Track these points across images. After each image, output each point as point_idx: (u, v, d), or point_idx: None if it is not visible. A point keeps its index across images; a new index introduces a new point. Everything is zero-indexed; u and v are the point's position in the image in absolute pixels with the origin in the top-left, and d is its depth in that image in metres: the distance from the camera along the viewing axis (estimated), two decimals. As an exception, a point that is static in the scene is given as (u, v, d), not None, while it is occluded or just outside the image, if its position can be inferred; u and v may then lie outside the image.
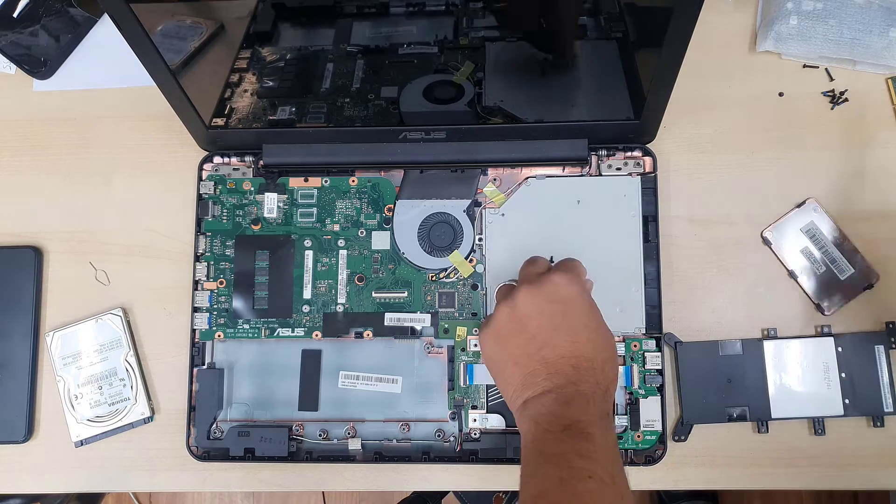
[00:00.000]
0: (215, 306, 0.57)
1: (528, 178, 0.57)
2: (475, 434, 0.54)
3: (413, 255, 0.56)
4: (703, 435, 0.53)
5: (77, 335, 0.57)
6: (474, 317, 0.55)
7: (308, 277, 0.57)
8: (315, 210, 0.58)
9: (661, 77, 0.48)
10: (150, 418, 0.56)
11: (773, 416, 0.52)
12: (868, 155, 0.57)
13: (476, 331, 0.55)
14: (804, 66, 0.58)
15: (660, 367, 0.53)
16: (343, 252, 0.57)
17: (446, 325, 0.55)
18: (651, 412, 0.53)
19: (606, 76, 0.54)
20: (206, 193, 0.58)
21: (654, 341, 0.54)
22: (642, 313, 0.54)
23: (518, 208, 0.56)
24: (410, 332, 0.55)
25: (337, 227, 0.57)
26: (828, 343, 0.53)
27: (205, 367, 0.56)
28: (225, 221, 0.58)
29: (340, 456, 0.54)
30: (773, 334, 0.54)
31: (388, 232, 0.57)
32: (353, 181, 0.58)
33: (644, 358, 0.54)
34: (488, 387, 0.54)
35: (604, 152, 0.56)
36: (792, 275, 0.55)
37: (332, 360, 0.56)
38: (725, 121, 0.58)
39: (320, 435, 0.55)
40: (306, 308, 0.56)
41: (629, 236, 0.55)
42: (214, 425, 0.55)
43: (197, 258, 0.57)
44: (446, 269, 0.56)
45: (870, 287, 0.54)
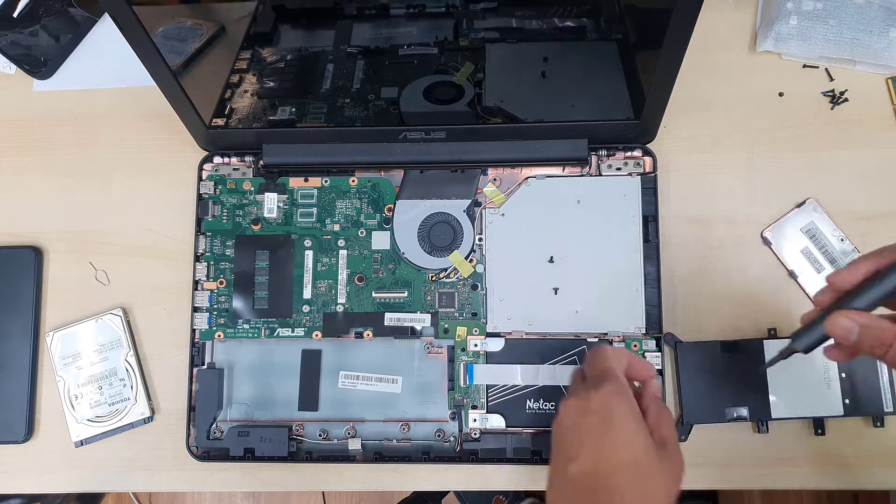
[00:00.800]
0: (215, 306, 0.57)
1: (528, 178, 0.57)
2: (475, 434, 0.54)
3: (413, 255, 0.56)
4: (703, 435, 0.53)
5: (77, 335, 0.57)
6: (474, 317, 0.55)
7: (308, 277, 0.57)
8: (315, 210, 0.58)
9: (661, 77, 0.48)
10: (150, 418, 0.56)
11: (773, 416, 0.52)
12: (868, 155, 0.57)
13: (476, 331, 0.55)
14: (804, 66, 0.58)
15: (660, 367, 0.53)
16: (343, 252, 0.57)
17: (446, 325, 0.55)
18: (651, 412, 0.53)
19: (606, 76, 0.54)
20: (206, 193, 0.58)
21: (654, 341, 0.54)
22: (642, 313, 0.54)
23: (518, 208, 0.56)
24: (410, 332, 0.55)
25: (337, 227, 0.57)
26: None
27: (205, 367, 0.56)
28: (225, 221, 0.58)
29: (340, 456, 0.54)
30: (773, 334, 0.54)
31: (388, 232, 0.57)
32: (353, 181, 0.58)
33: (644, 358, 0.54)
34: (488, 387, 0.54)
35: (604, 152, 0.56)
36: (792, 275, 0.55)
37: (332, 360, 0.56)
38: (725, 121, 0.58)
39: (320, 435, 0.55)
40: (306, 308, 0.56)
41: (629, 236, 0.55)
42: (214, 425, 0.55)
43: (197, 258, 0.57)
44: (446, 269, 0.56)
45: (870, 287, 0.54)
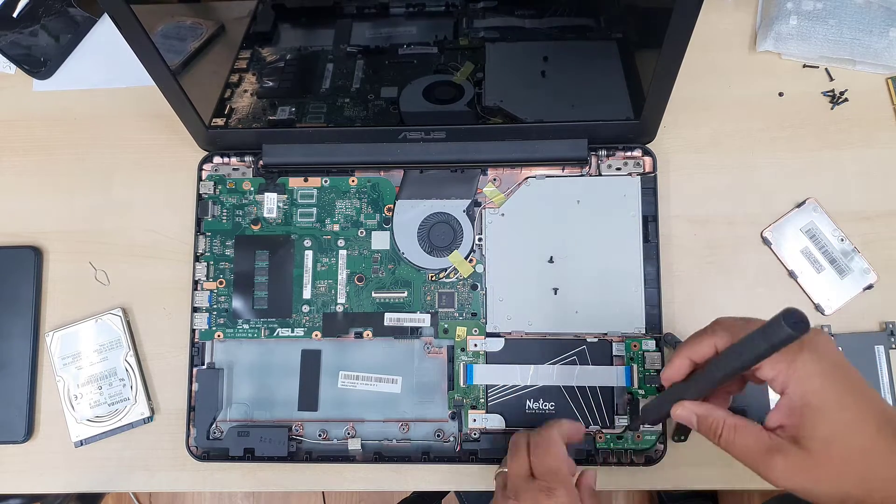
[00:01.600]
0: (215, 306, 0.57)
1: (527, 178, 0.57)
2: (475, 434, 0.54)
3: (413, 255, 0.56)
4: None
5: (77, 335, 0.57)
6: (474, 317, 0.55)
7: (308, 277, 0.57)
8: (315, 210, 0.58)
9: (661, 77, 0.48)
10: (150, 418, 0.56)
11: (772, 416, 0.52)
12: (868, 155, 0.57)
13: (476, 331, 0.55)
14: (804, 66, 0.58)
15: (659, 368, 0.53)
16: (343, 252, 0.57)
17: (446, 325, 0.55)
18: (651, 412, 0.53)
19: (606, 76, 0.54)
20: (205, 193, 0.58)
21: (654, 341, 0.54)
22: (642, 313, 0.54)
23: (518, 208, 0.56)
24: (410, 332, 0.55)
25: (337, 227, 0.57)
26: (828, 343, 0.53)
27: (204, 367, 0.56)
28: (225, 221, 0.58)
29: (340, 456, 0.54)
30: (772, 334, 0.54)
31: (388, 232, 0.57)
32: (353, 181, 0.58)
33: (644, 358, 0.54)
34: (488, 387, 0.54)
35: (604, 152, 0.56)
36: (792, 275, 0.55)
37: (332, 360, 0.56)
38: (725, 121, 0.58)
39: (320, 435, 0.55)
40: (306, 308, 0.56)
41: (629, 236, 0.55)
42: (214, 425, 0.55)
43: (197, 258, 0.57)
44: (446, 269, 0.56)
45: (869, 287, 0.54)
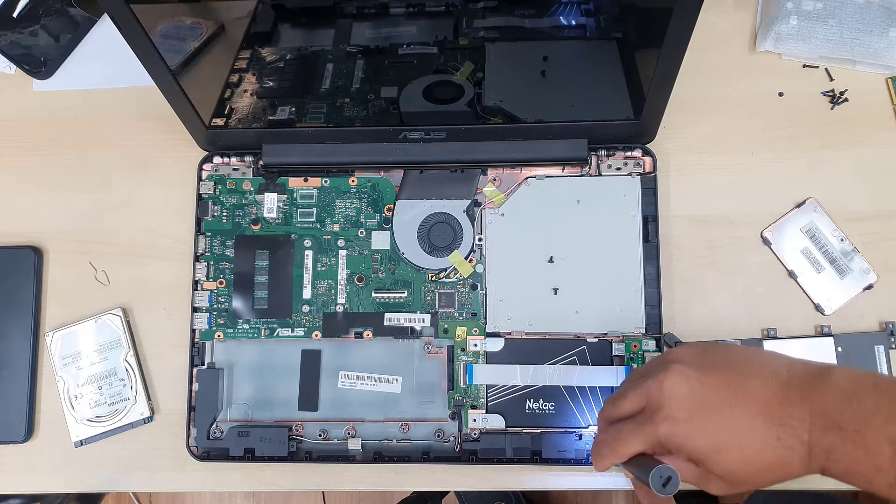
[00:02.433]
0: (215, 306, 0.57)
1: (527, 178, 0.57)
2: (475, 434, 0.54)
3: (413, 255, 0.56)
4: (702, 435, 0.53)
5: (77, 335, 0.57)
6: (474, 317, 0.55)
7: (308, 277, 0.57)
8: (315, 210, 0.58)
9: (661, 77, 0.48)
10: (150, 418, 0.56)
11: (772, 416, 0.52)
12: (868, 155, 0.57)
13: (476, 331, 0.55)
14: (804, 66, 0.58)
15: (660, 368, 0.53)
16: (343, 252, 0.57)
17: (446, 326, 0.55)
18: (651, 412, 0.53)
19: (606, 76, 0.54)
20: (205, 193, 0.58)
21: (654, 341, 0.54)
22: (642, 313, 0.54)
23: (518, 208, 0.56)
24: (410, 332, 0.55)
25: (337, 227, 0.57)
26: (828, 343, 0.53)
27: (204, 367, 0.56)
28: (225, 221, 0.58)
29: (340, 456, 0.54)
30: (772, 334, 0.54)
31: (388, 232, 0.57)
32: (353, 181, 0.58)
33: (644, 358, 0.54)
34: (488, 387, 0.54)
35: (604, 152, 0.56)
36: (792, 275, 0.55)
37: (332, 360, 0.56)
38: (725, 121, 0.58)
39: (320, 435, 0.55)
40: (306, 308, 0.56)
41: (629, 236, 0.55)
42: (214, 425, 0.55)
43: (197, 258, 0.57)
44: (446, 269, 0.56)
45: (870, 287, 0.54)
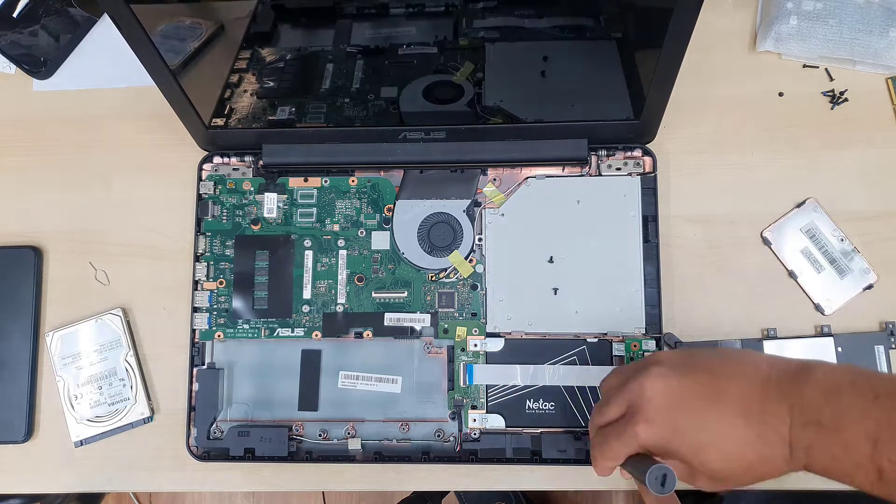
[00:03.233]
0: (215, 306, 0.57)
1: (527, 178, 0.57)
2: (475, 434, 0.54)
3: (413, 255, 0.56)
4: (702, 435, 0.53)
5: (77, 335, 0.57)
6: (474, 317, 0.55)
7: (308, 277, 0.57)
8: (315, 210, 0.58)
9: (661, 77, 0.48)
10: (150, 418, 0.56)
11: (772, 416, 0.52)
12: (868, 155, 0.57)
13: (476, 331, 0.55)
14: (804, 66, 0.58)
15: (659, 368, 0.53)
16: (343, 252, 0.57)
17: (446, 326, 0.55)
18: (651, 412, 0.53)
19: (606, 76, 0.54)
20: (205, 193, 0.58)
21: (654, 341, 0.54)
22: (642, 313, 0.54)
23: (518, 208, 0.56)
24: (410, 332, 0.55)
25: (337, 227, 0.57)
26: (828, 343, 0.53)
27: (204, 367, 0.56)
28: (225, 221, 0.58)
29: (340, 456, 0.54)
30: (772, 334, 0.54)
31: (388, 232, 0.57)
32: (353, 181, 0.58)
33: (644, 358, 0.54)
34: (488, 387, 0.54)
35: (604, 152, 0.56)
36: (792, 275, 0.55)
37: (332, 360, 0.56)
38: (725, 121, 0.58)
39: (320, 435, 0.55)
40: (306, 308, 0.56)
41: (629, 236, 0.55)
42: (214, 425, 0.55)
43: (197, 258, 0.57)
44: (446, 269, 0.56)
45: (870, 287, 0.54)
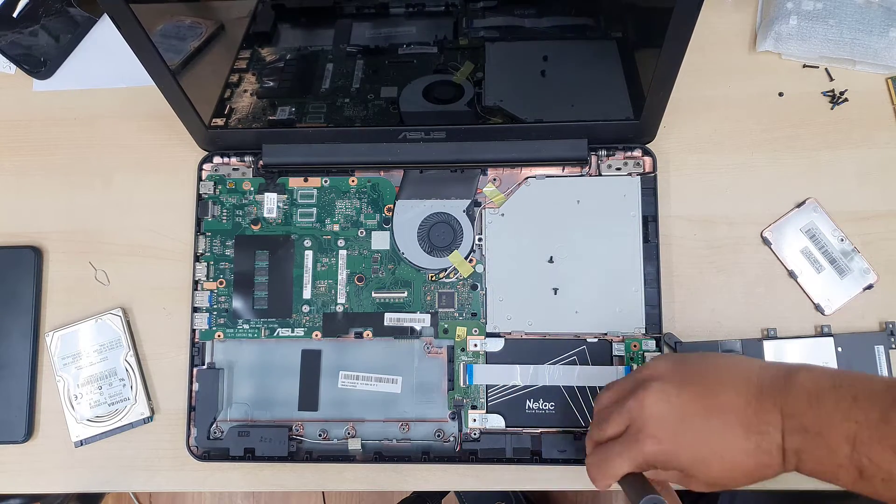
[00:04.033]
0: (215, 306, 0.57)
1: (527, 178, 0.57)
2: (475, 434, 0.54)
3: (413, 255, 0.56)
4: (702, 435, 0.53)
5: (77, 335, 0.57)
6: (474, 317, 0.55)
7: (308, 277, 0.57)
8: (315, 210, 0.58)
9: (661, 77, 0.48)
10: (150, 418, 0.56)
11: (772, 416, 0.52)
12: (868, 155, 0.57)
13: (476, 331, 0.55)
14: (804, 66, 0.58)
15: (659, 368, 0.53)
16: (343, 252, 0.57)
17: (446, 326, 0.55)
18: (651, 412, 0.53)
19: (606, 76, 0.54)
20: (205, 193, 0.58)
21: (654, 341, 0.54)
22: (642, 313, 0.54)
23: (518, 208, 0.56)
24: (410, 332, 0.55)
25: (337, 227, 0.57)
26: (828, 343, 0.53)
27: (204, 367, 0.56)
28: (225, 221, 0.58)
29: (340, 456, 0.54)
30: (772, 334, 0.54)
31: (388, 232, 0.57)
32: (353, 181, 0.58)
33: (644, 358, 0.54)
34: (488, 387, 0.54)
35: (604, 152, 0.56)
36: (792, 275, 0.55)
37: (332, 360, 0.56)
38: (725, 121, 0.58)
39: (320, 435, 0.55)
40: (306, 308, 0.56)
41: (629, 236, 0.55)
42: (214, 425, 0.55)
43: (197, 258, 0.57)
44: (446, 269, 0.56)
45: (870, 287, 0.54)
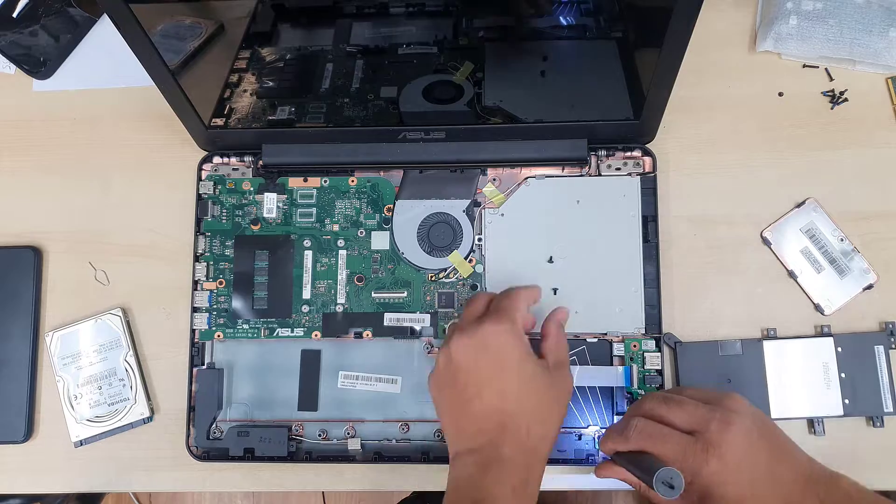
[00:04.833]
0: (215, 306, 0.57)
1: (527, 178, 0.57)
2: (475, 434, 0.54)
3: (412, 256, 0.56)
4: (702, 435, 0.53)
5: (77, 335, 0.57)
6: (474, 317, 0.55)
7: (307, 277, 0.57)
8: (314, 210, 0.58)
9: (661, 77, 0.48)
10: (150, 418, 0.56)
11: (772, 416, 0.52)
12: (868, 155, 0.57)
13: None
14: (804, 66, 0.58)
15: (659, 368, 0.53)
16: (342, 252, 0.57)
17: (446, 326, 0.55)
18: (651, 412, 0.53)
19: (606, 76, 0.54)
20: (205, 193, 0.58)
21: (654, 341, 0.54)
22: (642, 313, 0.54)
23: (517, 208, 0.56)
24: (410, 332, 0.55)
25: (336, 228, 0.57)
26: (827, 343, 0.53)
27: (204, 367, 0.56)
28: (224, 221, 0.58)
29: (340, 456, 0.54)
30: (772, 334, 0.54)
31: (388, 232, 0.57)
32: (353, 181, 0.58)
33: (644, 358, 0.54)
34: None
35: (603, 152, 0.56)
36: (792, 275, 0.55)
37: (332, 360, 0.56)
38: (725, 121, 0.58)
39: (320, 435, 0.55)
40: (306, 308, 0.56)
41: (629, 236, 0.55)
42: (214, 425, 0.55)
43: (196, 258, 0.57)
44: (446, 269, 0.56)
45: (869, 287, 0.54)
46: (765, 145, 0.57)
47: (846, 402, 0.52)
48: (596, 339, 0.54)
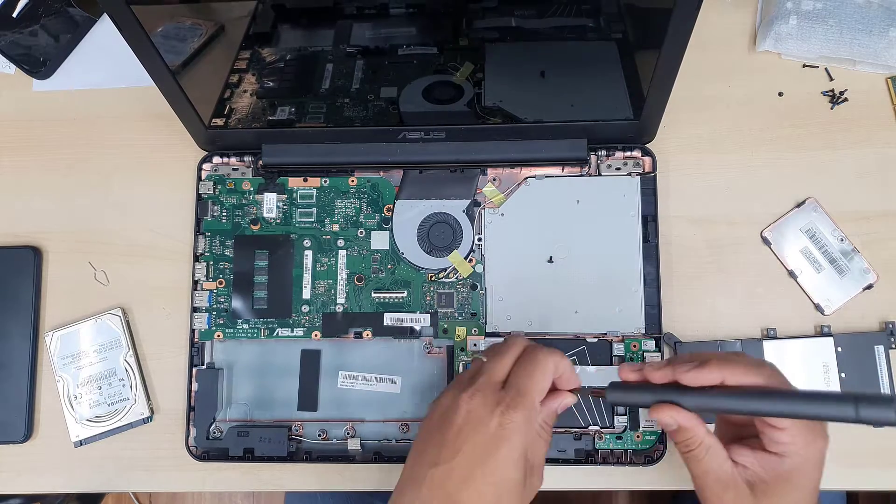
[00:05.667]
0: (214, 306, 0.57)
1: (527, 178, 0.57)
2: (474, 434, 0.54)
3: (412, 255, 0.56)
4: (702, 435, 0.53)
5: (76, 335, 0.57)
6: (473, 317, 0.55)
7: (307, 277, 0.57)
8: (314, 210, 0.58)
9: (661, 77, 0.48)
10: (150, 418, 0.56)
11: (772, 416, 0.52)
12: (868, 155, 0.57)
13: (475, 331, 0.55)
14: (804, 66, 0.58)
15: (659, 368, 0.53)
16: (342, 252, 0.57)
17: (445, 326, 0.55)
18: (650, 412, 0.53)
19: (606, 76, 0.54)
20: (205, 193, 0.58)
21: (654, 341, 0.54)
22: (642, 313, 0.54)
23: (517, 208, 0.56)
24: (410, 332, 0.55)
25: (336, 227, 0.57)
26: (827, 343, 0.53)
27: (204, 367, 0.56)
28: (224, 221, 0.58)
29: (340, 456, 0.54)
30: (772, 334, 0.54)
31: (388, 232, 0.57)
32: (353, 181, 0.58)
33: (643, 358, 0.54)
34: (488, 387, 0.54)
35: (603, 152, 0.56)
36: (792, 275, 0.55)
37: (332, 360, 0.56)
38: (725, 121, 0.58)
39: (319, 435, 0.55)
40: (305, 308, 0.56)
41: (628, 236, 0.55)
42: (214, 425, 0.55)
43: (196, 258, 0.57)
44: (445, 269, 0.56)
45: (869, 287, 0.54)
46: (765, 145, 0.57)
47: (846, 402, 0.52)
48: (596, 339, 0.54)
